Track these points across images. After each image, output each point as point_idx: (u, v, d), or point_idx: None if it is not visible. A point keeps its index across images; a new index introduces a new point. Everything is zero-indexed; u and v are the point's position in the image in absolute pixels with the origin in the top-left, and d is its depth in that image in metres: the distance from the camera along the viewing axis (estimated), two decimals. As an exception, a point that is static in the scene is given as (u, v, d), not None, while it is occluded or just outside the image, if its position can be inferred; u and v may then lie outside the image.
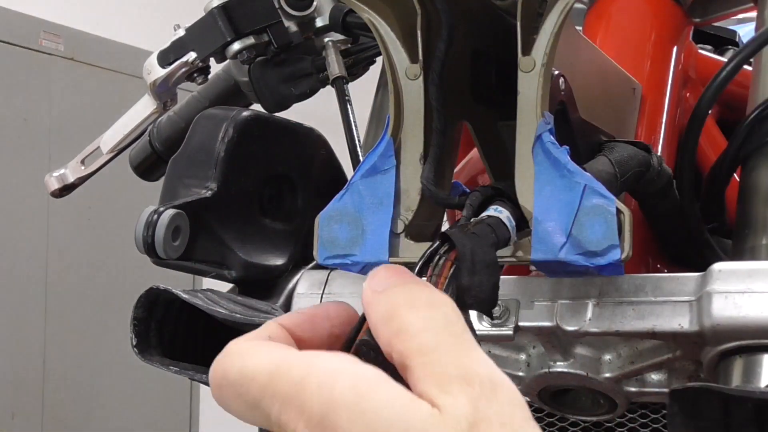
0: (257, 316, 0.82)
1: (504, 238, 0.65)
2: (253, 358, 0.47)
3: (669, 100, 1.01)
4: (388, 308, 0.47)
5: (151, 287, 0.82)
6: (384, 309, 0.47)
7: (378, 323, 0.47)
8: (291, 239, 0.92)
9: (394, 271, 0.49)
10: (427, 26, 0.71)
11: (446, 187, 0.74)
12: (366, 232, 0.71)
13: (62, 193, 1.26)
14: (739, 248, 0.85)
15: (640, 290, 0.74)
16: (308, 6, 1.04)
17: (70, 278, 3.80)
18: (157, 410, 4.06)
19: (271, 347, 0.48)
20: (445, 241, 0.58)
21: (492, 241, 0.63)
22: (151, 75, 1.12)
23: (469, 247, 0.58)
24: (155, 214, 0.82)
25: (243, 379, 0.46)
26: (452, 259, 0.57)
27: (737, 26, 1.43)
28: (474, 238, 0.59)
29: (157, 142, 1.22)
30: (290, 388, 0.45)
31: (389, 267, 0.50)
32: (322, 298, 0.86)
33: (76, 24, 3.89)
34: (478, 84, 0.77)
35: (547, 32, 0.69)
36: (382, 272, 0.49)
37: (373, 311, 0.48)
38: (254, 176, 0.90)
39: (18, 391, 3.63)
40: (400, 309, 0.47)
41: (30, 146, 3.68)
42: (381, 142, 0.72)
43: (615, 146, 0.81)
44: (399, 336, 0.46)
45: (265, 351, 0.47)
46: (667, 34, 1.05)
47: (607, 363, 0.79)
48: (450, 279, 0.56)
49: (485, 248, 0.59)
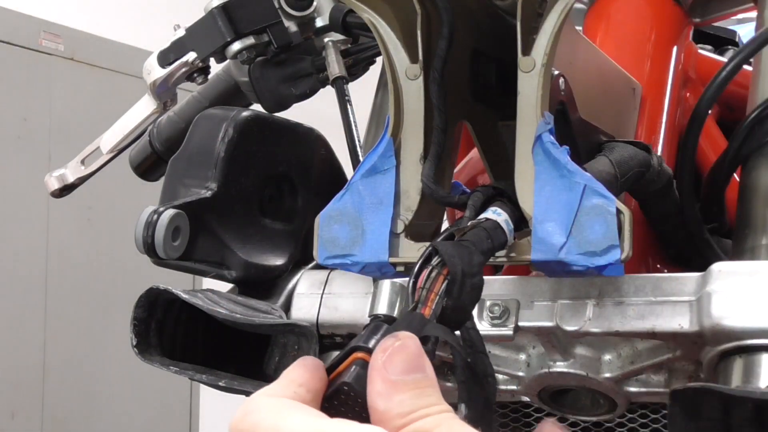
0: (257, 316, 0.82)
1: (500, 242, 0.65)
2: (287, 421, 0.48)
3: (669, 100, 1.01)
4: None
5: (151, 287, 0.82)
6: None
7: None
8: (291, 239, 0.92)
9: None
10: (427, 26, 0.71)
11: (446, 186, 0.75)
12: (366, 232, 0.71)
13: (62, 193, 1.26)
14: (739, 248, 0.85)
15: (640, 290, 0.74)
16: (308, 6, 1.04)
17: (70, 278, 3.80)
18: (157, 410, 4.06)
19: (304, 411, 0.50)
20: (437, 253, 0.59)
21: (486, 247, 0.64)
22: (151, 75, 1.12)
23: (460, 267, 0.59)
24: (155, 214, 0.82)
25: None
26: (444, 274, 0.59)
27: (737, 26, 1.43)
28: (466, 253, 0.60)
29: (157, 142, 1.22)
30: None
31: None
32: (322, 298, 0.86)
33: (76, 24, 3.89)
34: (478, 84, 0.77)
35: (547, 32, 0.69)
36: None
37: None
38: (254, 176, 0.90)
39: (18, 391, 3.63)
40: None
41: (30, 146, 3.68)
42: (381, 142, 0.72)
43: (615, 146, 0.81)
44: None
45: (299, 414, 0.49)
46: (667, 34, 1.05)
47: (607, 363, 0.79)
48: (440, 295, 0.58)
49: (475, 267, 0.60)
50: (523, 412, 0.89)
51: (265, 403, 0.50)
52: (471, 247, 0.61)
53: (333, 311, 0.85)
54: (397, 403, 0.50)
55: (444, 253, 0.59)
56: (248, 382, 0.83)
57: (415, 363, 0.52)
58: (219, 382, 0.82)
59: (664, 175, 0.86)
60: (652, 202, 0.90)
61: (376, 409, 0.50)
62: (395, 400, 0.50)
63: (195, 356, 0.85)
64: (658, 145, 0.98)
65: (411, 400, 0.50)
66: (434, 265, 0.59)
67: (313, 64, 1.06)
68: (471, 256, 0.60)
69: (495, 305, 0.77)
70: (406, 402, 0.50)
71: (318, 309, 0.86)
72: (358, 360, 0.55)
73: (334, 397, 0.53)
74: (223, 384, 0.82)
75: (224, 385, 0.82)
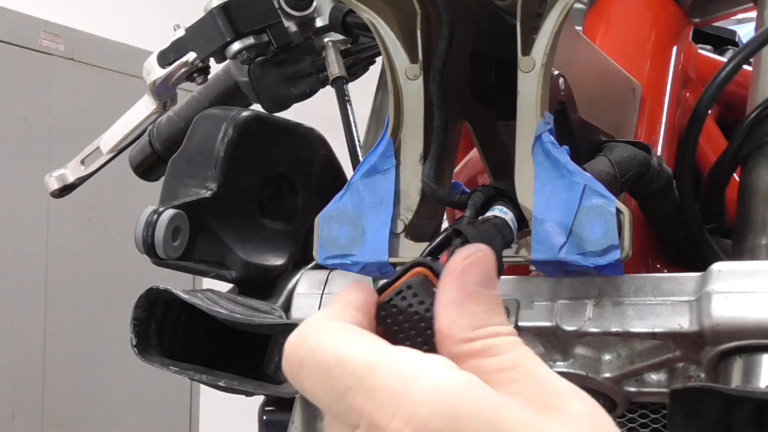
0: (257, 316, 0.82)
1: (508, 239, 0.66)
2: (350, 345, 0.45)
3: (669, 100, 1.01)
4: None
5: (151, 287, 0.82)
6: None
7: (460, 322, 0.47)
8: (291, 239, 0.92)
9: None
10: (427, 26, 0.71)
11: (446, 186, 0.75)
12: (366, 232, 0.71)
13: (62, 193, 1.26)
14: (739, 248, 0.85)
15: (640, 290, 0.74)
16: (308, 6, 1.04)
17: (70, 278, 3.80)
18: (157, 410, 4.06)
19: (365, 337, 0.46)
20: (459, 235, 0.58)
21: (499, 242, 0.63)
22: (151, 75, 1.12)
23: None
24: (155, 214, 0.82)
25: (336, 363, 0.45)
26: None
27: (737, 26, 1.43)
28: (487, 236, 0.59)
29: (157, 142, 1.22)
30: (397, 387, 0.43)
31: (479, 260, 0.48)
32: (322, 298, 0.86)
33: (76, 24, 3.89)
34: (478, 84, 0.77)
35: (547, 32, 0.69)
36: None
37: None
38: (254, 176, 0.90)
39: (18, 391, 3.63)
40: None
41: (30, 146, 3.68)
42: (381, 142, 0.72)
43: (615, 146, 0.81)
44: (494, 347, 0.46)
45: (361, 340, 0.46)
46: (667, 34, 1.05)
47: (607, 363, 0.79)
48: None
49: (497, 248, 0.59)
50: (523, 412, 0.89)
51: (325, 325, 0.46)
52: (493, 230, 0.61)
53: (333, 311, 0.85)
54: (468, 313, 0.46)
55: (468, 234, 0.58)
56: (248, 382, 0.83)
57: (493, 279, 0.48)
58: (219, 382, 0.82)
59: (664, 175, 0.86)
60: (652, 202, 0.90)
61: (444, 318, 0.46)
62: (467, 311, 0.46)
63: (195, 356, 0.85)
64: (658, 145, 0.98)
65: (483, 314, 0.46)
66: (456, 244, 0.57)
67: (313, 64, 1.06)
68: (493, 240, 0.60)
69: (495, 305, 0.76)
70: (478, 315, 0.46)
71: (318, 309, 0.86)
72: (419, 275, 0.49)
73: (386, 312, 0.48)
74: (223, 384, 0.82)
75: (224, 385, 0.82)
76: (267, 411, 1.18)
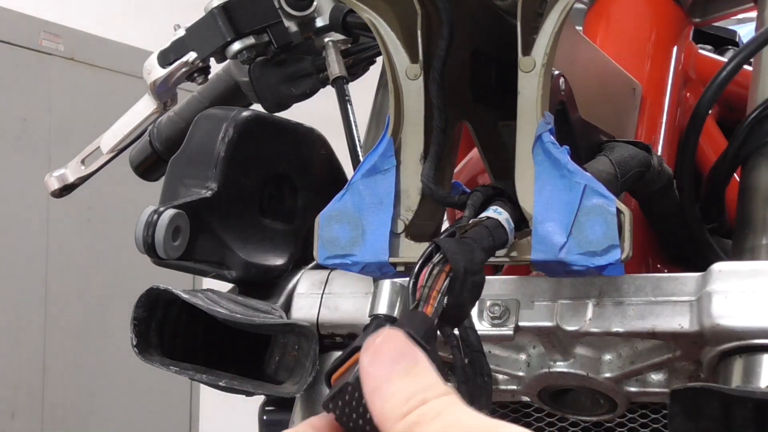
0: (257, 316, 0.82)
1: (501, 240, 0.65)
2: None
3: (669, 100, 1.01)
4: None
5: (151, 287, 0.82)
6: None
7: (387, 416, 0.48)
8: (291, 239, 0.92)
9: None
10: (427, 26, 0.71)
11: (446, 186, 0.75)
12: (366, 232, 0.71)
13: (62, 193, 1.26)
14: (739, 248, 0.85)
15: (640, 290, 0.74)
16: (308, 6, 1.04)
17: (70, 278, 3.80)
18: (157, 410, 4.06)
19: None
20: (439, 251, 0.58)
21: (488, 245, 0.63)
22: (151, 75, 1.12)
23: (462, 263, 0.58)
24: (155, 214, 0.82)
25: None
26: (446, 271, 0.58)
27: (737, 26, 1.43)
28: (468, 249, 0.60)
29: (157, 142, 1.22)
30: None
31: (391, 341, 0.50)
32: (322, 298, 0.86)
33: (76, 24, 3.89)
34: (478, 84, 0.77)
35: (547, 32, 0.69)
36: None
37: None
38: (254, 176, 0.90)
39: (18, 391, 3.63)
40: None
41: (30, 146, 3.68)
42: (381, 142, 0.72)
43: (615, 146, 0.81)
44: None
45: None
46: (667, 34, 1.05)
47: (607, 363, 0.79)
48: (442, 293, 0.57)
49: (477, 265, 0.59)
50: (523, 412, 0.89)
51: None
52: (473, 244, 0.61)
53: (333, 311, 0.85)
54: (391, 395, 0.48)
55: (446, 250, 0.58)
56: (248, 382, 0.83)
57: (403, 351, 0.49)
58: (219, 382, 0.82)
59: (664, 175, 0.86)
60: (652, 202, 0.90)
61: (375, 407, 0.49)
62: (389, 393, 0.48)
63: (195, 356, 0.85)
64: (658, 145, 0.98)
65: (407, 387, 0.48)
66: (436, 263, 0.58)
67: (313, 64, 1.06)
68: (473, 253, 0.60)
69: (495, 305, 0.77)
70: (403, 390, 0.48)
71: (318, 309, 0.86)
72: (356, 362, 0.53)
73: (338, 398, 0.52)
74: (223, 384, 0.82)
75: (224, 385, 0.82)
76: (267, 411, 1.18)
